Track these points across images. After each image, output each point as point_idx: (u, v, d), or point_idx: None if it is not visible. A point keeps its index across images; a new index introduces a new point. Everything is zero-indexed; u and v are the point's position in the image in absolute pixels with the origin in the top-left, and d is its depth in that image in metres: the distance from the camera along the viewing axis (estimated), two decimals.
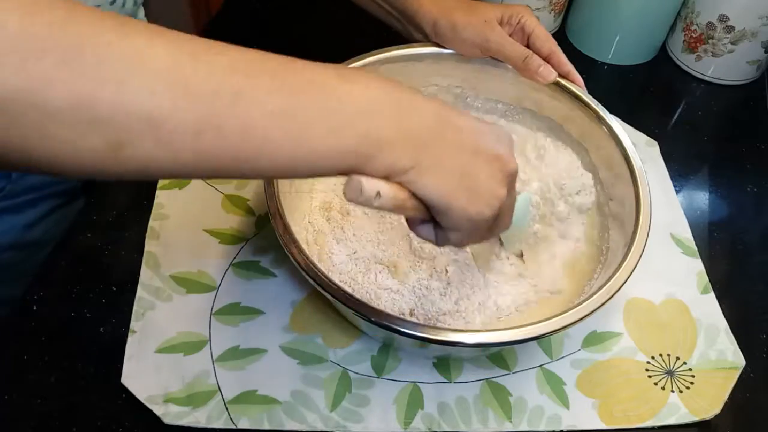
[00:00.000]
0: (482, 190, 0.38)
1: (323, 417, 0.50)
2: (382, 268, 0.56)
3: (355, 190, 0.36)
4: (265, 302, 0.56)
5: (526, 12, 0.61)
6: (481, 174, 0.38)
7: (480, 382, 0.53)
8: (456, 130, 0.38)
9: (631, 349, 0.56)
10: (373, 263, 0.56)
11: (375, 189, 0.36)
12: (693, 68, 0.85)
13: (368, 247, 0.57)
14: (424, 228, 0.41)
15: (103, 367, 0.52)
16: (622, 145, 0.57)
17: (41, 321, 0.54)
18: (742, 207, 0.70)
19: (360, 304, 0.45)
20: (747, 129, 0.80)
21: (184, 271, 0.58)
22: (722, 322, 0.58)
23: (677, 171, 0.72)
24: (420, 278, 0.55)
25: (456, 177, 0.38)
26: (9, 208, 0.60)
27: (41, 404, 0.50)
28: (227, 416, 0.50)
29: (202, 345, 0.53)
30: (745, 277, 0.64)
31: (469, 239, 0.41)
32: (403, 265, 0.56)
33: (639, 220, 0.52)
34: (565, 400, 0.53)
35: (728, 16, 0.77)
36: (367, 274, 0.55)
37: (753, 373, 0.56)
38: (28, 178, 0.61)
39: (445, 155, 0.38)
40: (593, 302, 0.47)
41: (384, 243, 0.57)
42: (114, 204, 0.63)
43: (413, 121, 0.37)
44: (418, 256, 0.57)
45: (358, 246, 0.57)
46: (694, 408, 0.53)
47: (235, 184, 0.64)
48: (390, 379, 0.53)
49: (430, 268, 0.56)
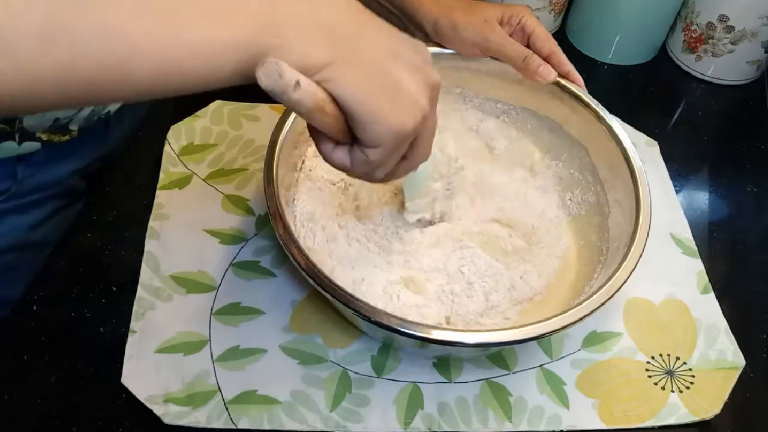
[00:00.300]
0: (405, 98, 0.35)
1: (323, 417, 0.50)
2: (399, 287, 0.55)
3: (272, 73, 0.31)
4: (265, 302, 0.56)
5: (527, 12, 0.61)
6: (403, 80, 0.35)
7: (480, 382, 0.53)
8: (375, 29, 0.35)
9: (631, 349, 0.56)
10: (389, 286, 0.55)
11: (295, 77, 0.31)
12: (693, 68, 0.85)
13: (378, 274, 0.55)
14: (337, 152, 0.38)
15: (103, 367, 0.52)
16: (622, 145, 0.57)
17: (41, 321, 0.54)
18: (742, 207, 0.70)
19: (360, 304, 0.45)
20: (747, 129, 0.80)
21: (184, 271, 0.58)
22: (722, 322, 0.58)
23: (677, 171, 0.72)
24: (440, 285, 0.55)
25: (378, 79, 0.34)
26: (14, 208, 0.60)
27: (41, 404, 0.50)
28: (227, 416, 0.50)
29: (202, 345, 0.53)
30: (745, 277, 0.64)
31: (387, 161, 0.38)
32: (418, 278, 0.55)
33: (639, 220, 0.52)
34: (565, 400, 0.53)
35: (728, 16, 0.77)
36: (390, 299, 0.54)
37: (753, 373, 0.56)
38: (34, 179, 0.61)
39: (366, 53, 0.34)
40: (593, 302, 0.47)
41: (391, 264, 0.56)
42: (114, 204, 0.63)
43: (327, 9, 0.33)
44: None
45: (367, 273, 0.55)
46: (694, 408, 0.53)
47: (235, 184, 0.64)
48: (390, 379, 0.53)
49: (444, 274, 0.56)
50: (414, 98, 0.36)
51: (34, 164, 0.60)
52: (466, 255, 0.56)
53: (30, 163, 0.60)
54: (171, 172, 0.65)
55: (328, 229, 0.57)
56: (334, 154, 0.38)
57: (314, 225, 0.57)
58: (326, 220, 0.58)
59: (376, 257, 0.56)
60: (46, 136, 0.59)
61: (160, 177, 0.64)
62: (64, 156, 0.63)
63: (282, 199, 0.51)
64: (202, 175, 0.65)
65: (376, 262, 0.55)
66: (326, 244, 0.56)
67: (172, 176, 0.64)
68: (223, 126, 0.70)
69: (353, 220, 0.58)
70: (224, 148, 0.68)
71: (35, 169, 0.60)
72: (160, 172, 0.65)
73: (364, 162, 0.38)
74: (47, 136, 0.59)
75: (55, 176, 0.63)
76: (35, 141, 0.58)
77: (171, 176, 0.64)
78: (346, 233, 0.57)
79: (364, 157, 0.37)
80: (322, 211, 0.58)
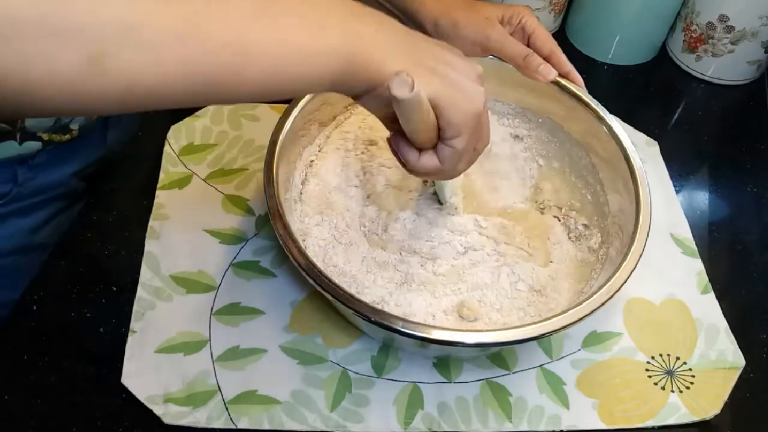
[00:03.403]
0: (468, 87, 0.42)
1: (323, 417, 0.50)
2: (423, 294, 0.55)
3: (404, 84, 0.37)
4: (265, 302, 0.56)
5: (527, 12, 0.61)
6: (460, 75, 0.41)
7: (480, 382, 0.53)
8: (423, 40, 0.41)
9: (631, 349, 0.56)
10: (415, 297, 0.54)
11: (417, 86, 0.37)
12: (693, 68, 0.85)
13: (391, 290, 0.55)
14: (424, 157, 0.44)
15: (103, 367, 0.52)
16: (622, 145, 0.57)
17: (41, 321, 0.54)
18: (742, 207, 0.70)
19: (360, 304, 0.45)
20: (747, 129, 0.80)
21: (184, 271, 0.58)
22: (722, 322, 0.58)
23: (677, 171, 0.72)
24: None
25: (445, 78, 0.40)
26: (16, 211, 0.61)
27: (41, 404, 0.50)
28: (227, 416, 0.50)
29: (202, 345, 0.53)
30: (745, 277, 0.64)
31: (467, 147, 0.43)
32: (436, 283, 0.55)
33: (639, 220, 0.52)
34: (565, 400, 0.53)
35: (728, 16, 0.77)
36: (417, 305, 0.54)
37: (753, 373, 0.56)
38: (34, 181, 0.61)
39: (426, 59, 0.40)
40: (593, 302, 0.47)
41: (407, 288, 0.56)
42: (114, 204, 0.63)
43: (388, 29, 0.39)
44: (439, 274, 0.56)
45: (383, 294, 0.54)
46: (694, 408, 0.53)
47: (235, 184, 0.64)
48: (390, 379, 0.53)
49: (458, 279, 0.56)
50: (474, 86, 0.42)
51: (34, 167, 0.60)
52: (467, 260, 0.57)
53: (30, 165, 0.60)
54: (171, 172, 0.65)
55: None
56: (422, 160, 0.44)
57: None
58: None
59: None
60: (48, 135, 0.59)
61: (160, 177, 0.64)
62: (64, 158, 0.63)
63: (282, 199, 0.50)
64: (202, 175, 0.65)
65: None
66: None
67: (172, 176, 0.64)
68: (223, 126, 0.70)
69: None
70: (224, 148, 0.68)
71: (36, 171, 0.60)
72: (160, 172, 0.65)
73: (451, 154, 0.43)
74: (48, 135, 0.59)
75: (55, 178, 0.63)
76: (36, 141, 0.58)
77: (171, 176, 0.64)
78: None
79: (451, 149, 0.43)
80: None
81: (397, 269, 0.55)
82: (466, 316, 0.53)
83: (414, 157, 0.45)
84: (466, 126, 0.42)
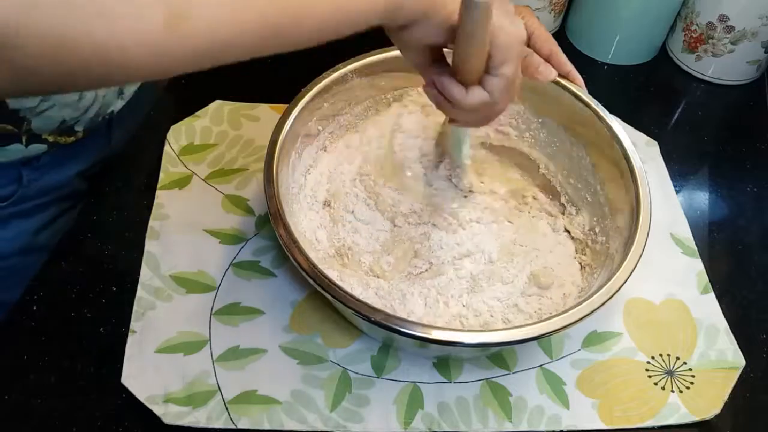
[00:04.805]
0: (514, 18, 0.44)
1: (323, 417, 0.50)
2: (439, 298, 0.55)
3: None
4: (265, 302, 0.56)
5: (527, 13, 0.61)
6: (503, 2, 0.44)
7: (480, 382, 0.53)
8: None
9: (631, 349, 0.56)
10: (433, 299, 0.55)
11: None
12: (693, 68, 0.85)
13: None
14: (472, 91, 0.44)
15: (103, 367, 0.52)
16: (622, 145, 0.57)
17: (41, 321, 0.54)
18: (742, 207, 0.70)
19: (360, 304, 0.45)
20: (747, 129, 0.80)
21: (184, 271, 0.58)
22: (722, 322, 0.58)
23: (677, 171, 0.72)
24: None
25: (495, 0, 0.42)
26: (19, 213, 0.61)
27: (41, 404, 0.50)
28: (227, 416, 0.50)
29: (202, 345, 0.53)
30: (745, 277, 0.64)
31: (514, 77, 0.45)
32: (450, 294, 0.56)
33: (639, 220, 0.52)
34: (565, 400, 0.53)
35: (728, 16, 0.77)
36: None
37: (753, 373, 0.56)
38: (39, 182, 0.61)
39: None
40: (593, 302, 0.47)
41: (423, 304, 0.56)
42: (114, 204, 0.63)
43: None
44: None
45: (395, 304, 0.55)
46: (694, 408, 0.53)
47: (235, 184, 0.64)
48: (390, 379, 0.53)
49: (470, 284, 0.56)
50: (518, 19, 0.44)
51: (39, 168, 0.60)
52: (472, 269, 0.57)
53: (35, 166, 0.60)
54: (171, 172, 0.65)
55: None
56: (470, 94, 0.45)
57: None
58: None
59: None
60: (53, 137, 0.59)
61: (160, 177, 0.64)
62: (68, 159, 0.63)
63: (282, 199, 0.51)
64: (202, 175, 0.65)
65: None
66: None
67: (172, 176, 0.64)
68: (223, 126, 0.70)
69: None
70: (224, 148, 0.68)
71: (40, 172, 0.60)
72: (160, 172, 0.65)
73: (499, 84, 0.44)
74: (54, 137, 0.59)
75: (59, 179, 0.63)
76: (42, 143, 0.58)
77: (171, 176, 0.64)
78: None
79: (498, 79, 0.44)
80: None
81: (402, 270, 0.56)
82: (544, 285, 0.55)
83: (461, 93, 0.45)
84: (514, 51, 0.43)
